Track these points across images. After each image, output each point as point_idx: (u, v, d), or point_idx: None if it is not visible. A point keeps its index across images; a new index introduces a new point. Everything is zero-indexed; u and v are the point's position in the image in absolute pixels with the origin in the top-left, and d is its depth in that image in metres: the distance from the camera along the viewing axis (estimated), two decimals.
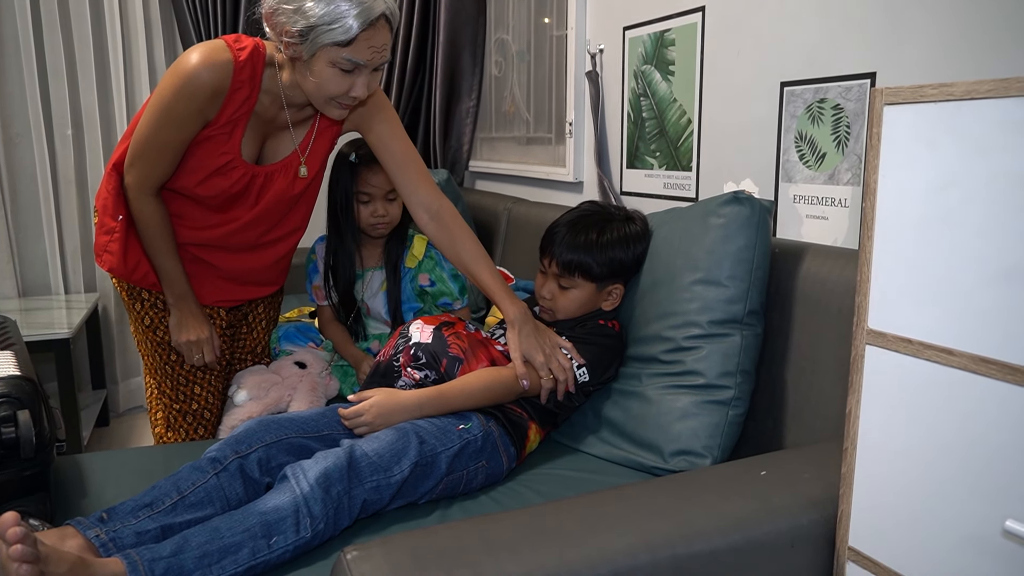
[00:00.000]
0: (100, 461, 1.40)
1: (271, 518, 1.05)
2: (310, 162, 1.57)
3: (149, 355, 1.64)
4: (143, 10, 2.96)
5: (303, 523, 1.06)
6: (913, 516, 0.81)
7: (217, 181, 1.48)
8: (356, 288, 1.85)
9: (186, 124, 1.39)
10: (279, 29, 1.31)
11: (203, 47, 1.37)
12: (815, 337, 1.31)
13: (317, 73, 1.33)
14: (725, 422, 1.32)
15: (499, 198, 2.74)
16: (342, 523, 1.12)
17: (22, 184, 2.90)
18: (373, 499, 1.15)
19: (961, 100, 0.72)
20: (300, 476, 1.10)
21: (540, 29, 2.57)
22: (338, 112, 1.42)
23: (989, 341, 0.72)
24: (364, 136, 1.58)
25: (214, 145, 1.45)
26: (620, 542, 0.87)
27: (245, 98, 1.41)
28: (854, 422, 0.87)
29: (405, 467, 1.18)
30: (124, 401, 3.17)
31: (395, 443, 1.21)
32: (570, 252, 1.48)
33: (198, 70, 1.34)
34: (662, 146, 1.94)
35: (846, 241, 1.44)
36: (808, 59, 1.49)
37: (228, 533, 1.03)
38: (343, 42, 1.28)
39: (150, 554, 0.99)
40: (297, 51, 1.32)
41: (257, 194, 1.54)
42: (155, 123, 1.40)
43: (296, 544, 1.05)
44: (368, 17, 1.28)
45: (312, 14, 1.26)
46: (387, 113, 1.56)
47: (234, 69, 1.37)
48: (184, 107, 1.37)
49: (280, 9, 1.29)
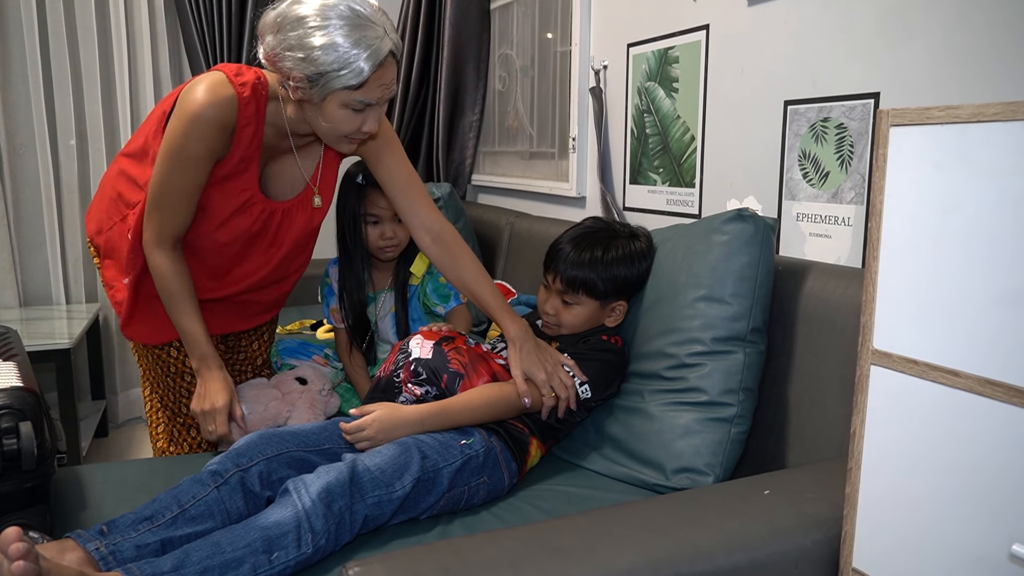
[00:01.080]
0: (100, 473, 1.40)
1: (272, 533, 1.05)
2: (323, 191, 1.57)
3: (150, 368, 1.64)
4: (148, 21, 2.98)
5: (304, 539, 1.05)
6: (918, 538, 0.81)
7: (238, 222, 1.48)
8: (369, 311, 1.84)
9: (200, 166, 1.38)
10: (285, 73, 1.30)
11: (205, 83, 1.35)
12: (818, 355, 1.31)
13: (329, 116, 1.33)
14: (728, 440, 1.31)
15: (502, 212, 2.75)
16: (343, 539, 1.11)
17: (25, 194, 2.91)
18: (375, 514, 1.15)
19: (967, 123, 0.72)
20: (302, 490, 1.10)
21: (544, 45, 2.59)
22: (349, 148, 1.43)
23: (995, 363, 0.72)
24: (370, 165, 1.58)
25: (233, 183, 1.44)
26: (622, 560, 0.87)
27: (253, 134, 1.41)
28: (858, 442, 0.87)
29: (407, 482, 1.18)
30: (124, 412, 3.16)
31: (397, 458, 1.20)
32: (574, 269, 1.48)
33: (204, 109, 1.33)
34: (665, 162, 1.95)
35: (849, 260, 1.44)
36: (812, 78, 1.50)
37: (229, 548, 1.02)
38: (355, 86, 1.28)
39: (151, 568, 0.98)
40: (307, 94, 1.31)
41: (275, 234, 1.54)
42: (169, 169, 1.37)
43: (298, 559, 1.05)
44: (378, 59, 1.27)
45: (322, 61, 1.25)
46: (394, 145, 1.57)
47: (239, 105, 1.36)
48: (195, 149, 1.35)
49: (285, 56, 1.27)
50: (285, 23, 1.27)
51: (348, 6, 1.26)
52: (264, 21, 1.31)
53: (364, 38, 1.26)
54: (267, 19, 1.30)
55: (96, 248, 1.60)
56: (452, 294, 1.84)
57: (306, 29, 1.25)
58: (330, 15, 1.25)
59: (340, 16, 1.25)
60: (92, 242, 1.61)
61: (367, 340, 1.84)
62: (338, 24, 1.25)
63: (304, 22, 1.25)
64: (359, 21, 1.26)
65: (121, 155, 1.55)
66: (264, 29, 1.31)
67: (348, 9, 1.26)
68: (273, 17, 1.29)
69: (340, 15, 1.25)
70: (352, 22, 1.25)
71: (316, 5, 1.26)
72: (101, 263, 1.59)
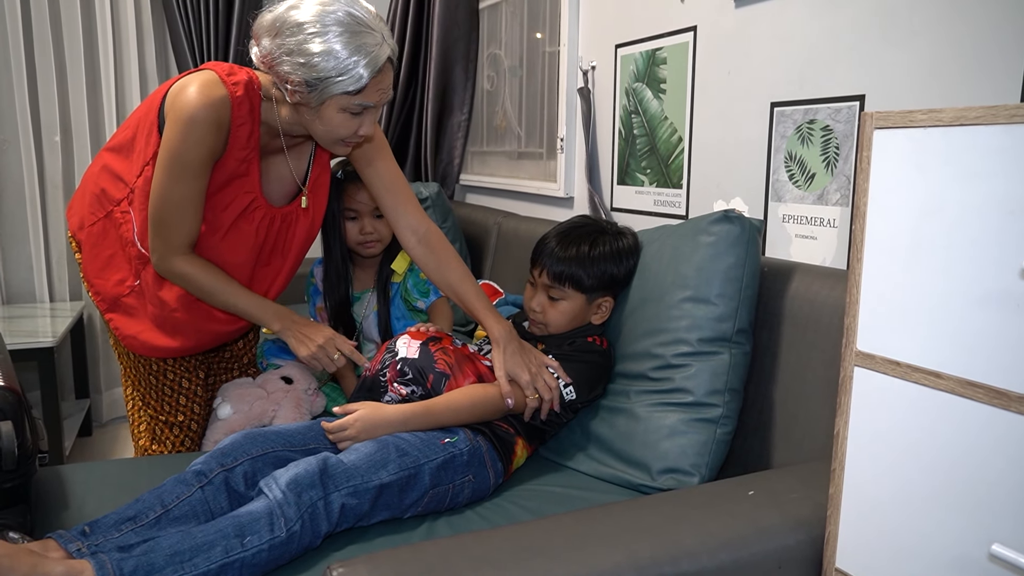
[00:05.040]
0: (82, 473, 1.39)
1: (244, 520, 1.06)
2: (313, 191, 1.57)
3: (131, 367, 1.62)
4: (135, 16, 2.95)
5: (277, 523, 1.06)
6: (900, 538, 0.81)
7: (242, 227, 1.47)
8: (355, 310, 1.83)
9: (201, 170, 1.36)
10: (283, 77, 1.29)
11: (196, 84, 1.33)
12: (803, 356, 1.31)
13: (327, 120, 1.33)
14: (713, 440, 1.32)
15: (490, 212, 2.74)
16: (321, 528, 1.11)
17: (8, 190, 2.88)
18: (352, 504, 1.14)
19: (950, 126, 0.72)
20: (272, 484, 1.11)
21: (533, 45, 2.59)
22: (345, 150, 1.43)
23: (976, 365, 0.72)
24: (357, 166, 1.58)
25: (235, 186, 1.44)
26: (607, 560, 0.87)
27: (249, 134, 1.40)
28: (842, 443, 0.87)
29: (384, 476, 1.18)
30: (108, 411, 3.13)
31: (373, 454, 1.21)
32: (561, 264, 1.48)
33: (197, 111, 1.31)
34: (653, 163, 1.95)
35: (834, 261, 1.45)
36: (798, 80, 1.51)
37: (200, 535, 1.03)
38: (354, 91, 1.28)
39: (119, 553, 0.99)
40: (304, 99, 1.30)
41: (275, 241, 1.54)
42: (170, 178, 1.35)
43: (271, 543, 1.04)
44: (377, 65, 1.28)
45: (321, 67, 1.24)
46: (382, 147, 1.57)
47: (232, 105, 1.35)
48: (195, 153, 1.34)
49: (283, 60, 1.27)
50: (284, 28, 1.26)
51: (347, 12, 1.26)
52: (260, 23, 1.30)
53: (364, 45, 1.25)
54: (263, 22, 1.30)
55: (78, 243, 1.58)
56: (432, 289, 1.85)
57: (305, 35, 1.24)
58: (328, 21, 1.24)
59: (338, 23, 1.25)
60: (74, 237, 1.59)
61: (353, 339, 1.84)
62: (336, 31, 1.24)
63: (303, 28, 1.25)
64: (357, 28, 1.26)
65: (105, 150, 1.54)
66: (260, 31, 1.30)
67: (346, 15, 1.25)
68: (271, 20, 1.28)
69: (338, 21, 1.25)
70: (351, 28, 1.25)
71: (314, 11, 1.25)
72: (82, 258, 1.58)
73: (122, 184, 1.48)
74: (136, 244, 1.46)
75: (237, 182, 1.44)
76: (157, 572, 0.98)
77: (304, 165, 1.56)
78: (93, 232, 1.53)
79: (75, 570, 0.97)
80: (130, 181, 1.46)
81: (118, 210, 1.48)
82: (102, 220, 1.51)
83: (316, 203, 1.59)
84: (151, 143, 1.40)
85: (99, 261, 1.53)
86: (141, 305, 1.52)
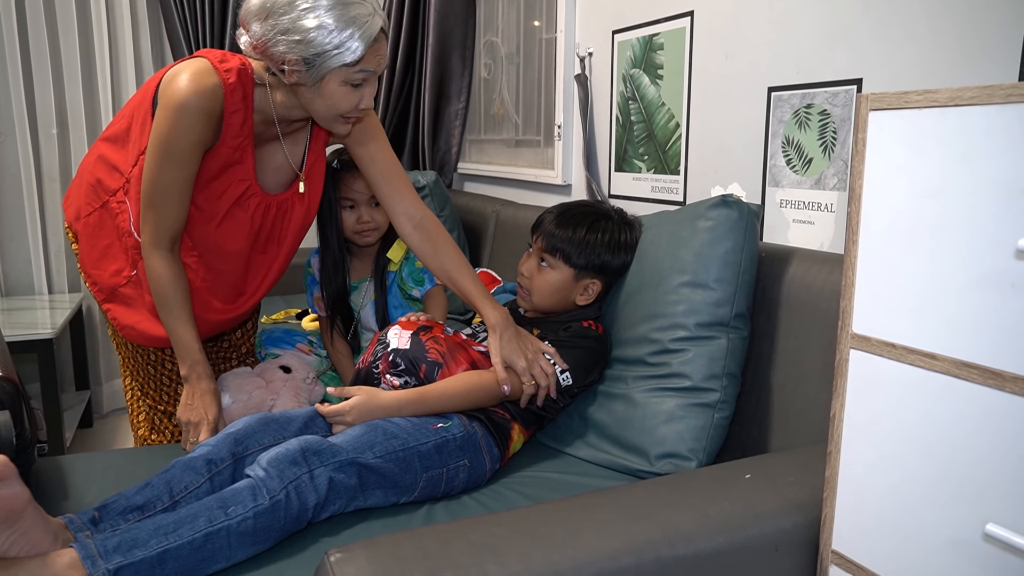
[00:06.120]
0: (82, 463, 1.39)
1: (227, 495, 1.07)
2: (309, 177, 1.57)
3: (130, 356, 1.63)
4: (130, 7, 2.94)
5: (260, 494, 1.07)
6: (896, 519, 0.82)
7: (237, 215, 1.47)
8: (352, 300, 1.83)
9: (189, 157, 1.36)
10: (279, 58, 1.29)
11: (188, 72, 1.33)
12: (801, 341, 1.31)
13: (328, 95, 1.33)
14: (711, 425, 1.32)
15: (487, 200, 2.74)
16: (308, 499, 1.11)
17: (5, 183, 2.88)
18: (340, 478, 1.15)
19: (945, 107, 0.72)
20: (255, 466, 1.12)
21: (529, 32, 2.58)
22: (344, 128, 1.42)
23: (971, 346, 0.72)
24: (353, 150, 1.58)
25: (229, 174, 1.43)
26: (604, 545, 0.87)
27: (243, 121, 1.39)
28: (838, 426, 0.87)
29: (368, 456, 1.19)
30: (108, 402, 3.14)
31: (360, 436, 1.22)
32: (557, 233, 1.50)
33: (188, 99, 1.31)
34: (650, 150, 1.94)
35: (832, 246, 1.45)
36: (795, 65, 1.50)
37: (185, 511, 1.05)
38: (352, 63, 1.29)
39: (102, 535, 1.00)
40: (303, 77, 1.30)
41: (271, 228, 1.54)
42: (159, 163, 1.35)
43: (256, 511, 1.05)
44: (371, 35, 1.28)
45: (317, 42, 1.25)
46: (378, 134, 1.57)
47: (225, 92, 1.35)
48: (184, 140, 1.33)
49: (278, 40, 1.27)
50: (274, 9, 1.26)
51: None
52: (247, 10, 1.30)
53: (356, 17, 1.26)
54: (250, 7, 1.29)
55: (75, 234, 1.58)
56: (427, 277, 1.84)
57: (297, 12, 1.25)
58: None
59: None
60: (71, 227, 1.59)
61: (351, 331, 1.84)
62: (327, 4, 1.25)
63: (294, 5, 1.25)
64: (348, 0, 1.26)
65: (100, 140, 1.54)
66: (248, 17, 1.30)
67: None
68: (259, 4, 1.28)
69: None
70: (341, 1, 1.26)
71: None
72: (79, 248, 1.58)
73: (118, 174, 1.47)
74: (133, 234, 1.46)
75: (231, 170, 1.43)
76: (141, 545, 0.99)
77: (300, 151, 1.55)
78: (89, 222, 1.52)
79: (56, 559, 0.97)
80: (126, 171, 1.46)
81: (114, 200, 1.48)
82: (98, 210, 1.51)
83: (312, 189, 1.58)
84: (146, 132, 1.40)
85: (96, 251, 1.53)
86: (139, 295, 1.51)
